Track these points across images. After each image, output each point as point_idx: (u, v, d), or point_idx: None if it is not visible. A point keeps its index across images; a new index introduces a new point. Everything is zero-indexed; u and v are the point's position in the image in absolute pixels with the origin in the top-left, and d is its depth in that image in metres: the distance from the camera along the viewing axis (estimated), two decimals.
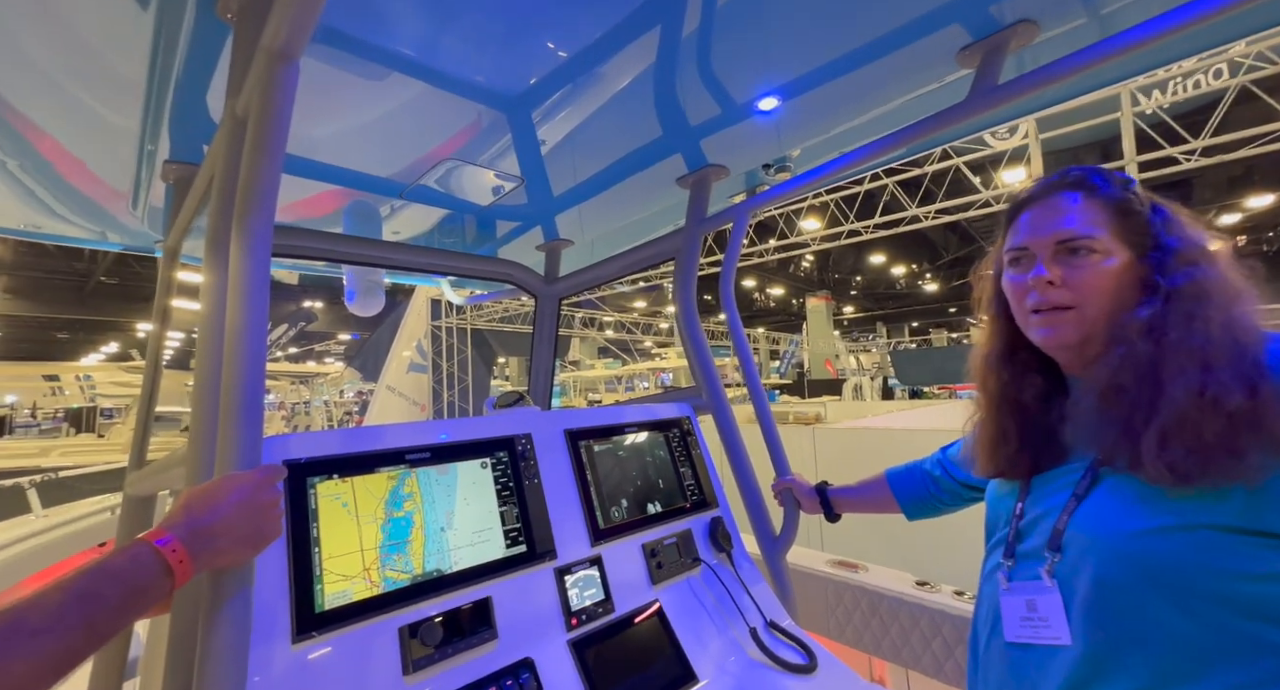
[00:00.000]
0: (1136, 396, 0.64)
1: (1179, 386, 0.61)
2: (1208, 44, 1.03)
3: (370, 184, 1.50)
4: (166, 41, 0.89)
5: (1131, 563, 0.63)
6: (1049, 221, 0.74)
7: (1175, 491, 0.61)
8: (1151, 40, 0.85)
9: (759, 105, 1.23)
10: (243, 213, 0.72)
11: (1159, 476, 0.61)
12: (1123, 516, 0.65)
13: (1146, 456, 0.62)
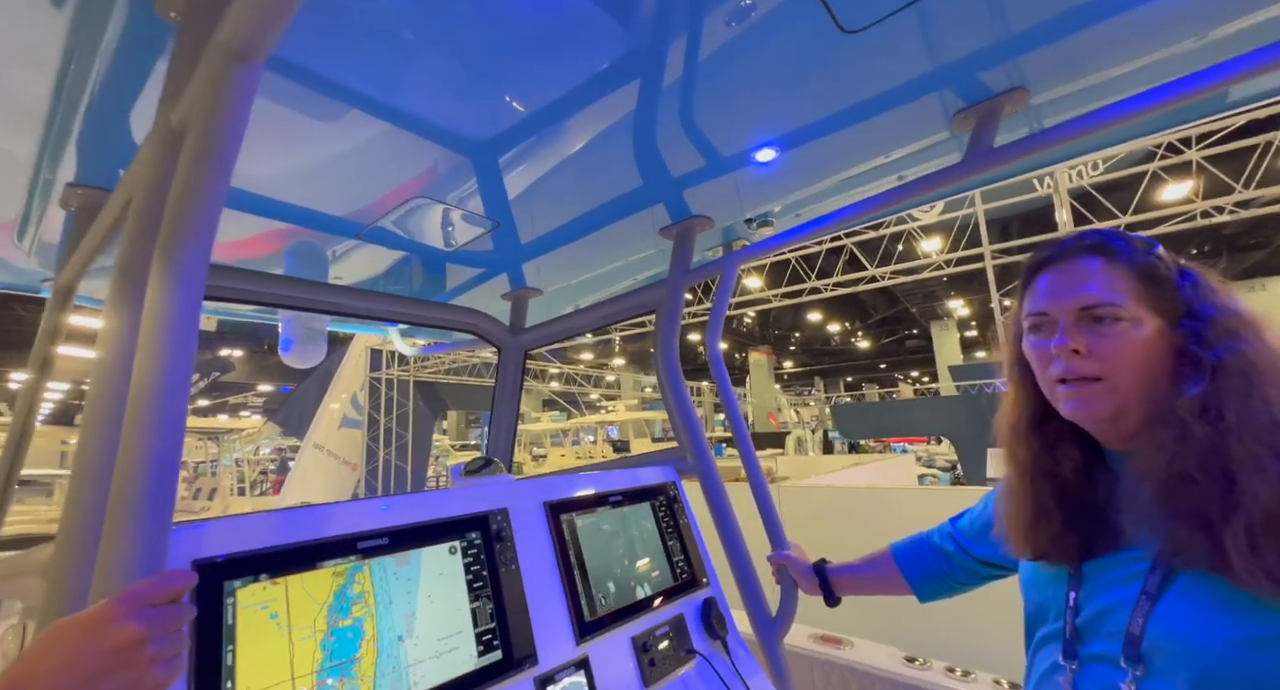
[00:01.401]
0: (1208, 489, 0.58)
1: (1257, 479, 0.55)
2: (1196, 116, 1.10)
3: (321, 223, 1.34)
4: (83, 46, 0.75)
5: (1235, 677, 0.55)
6: (1070, 286, 0.70)
7: (1264, 597, 0.54)
8: (1144, 112, 0.88)
9: (754, 156, 1.20)
10: (171, 243, 0.56)
11: (1255, 583, 0.54)
12: (1214, 624, 0.57)
13: (1237, 560, 0.55)
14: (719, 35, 0.82)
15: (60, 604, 0.50)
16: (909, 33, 0.85)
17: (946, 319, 22.57)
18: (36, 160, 1.00)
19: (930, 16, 0.82)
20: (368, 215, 1.31)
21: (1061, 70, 0.97)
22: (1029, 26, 0.85)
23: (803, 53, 0.88)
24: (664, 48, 0.83)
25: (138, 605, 0.44)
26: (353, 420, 8.25)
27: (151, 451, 0.49)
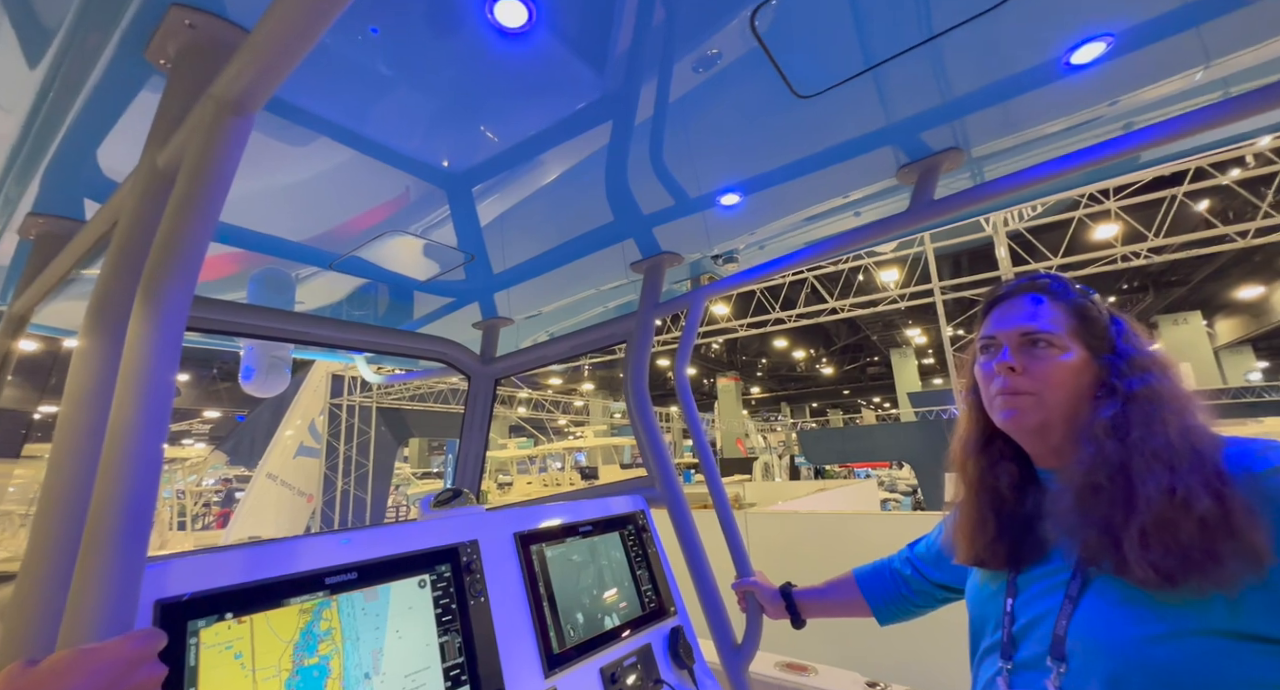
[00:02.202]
0: (1113, 495, 0.67)
1: (1150, 486, 0.64)
2: (1111, 174, 1.24)
3: (292, 252, 1.35)
4: (65, 82, 0.76)
5: (1143, 671, 0.61)
6: (1014, 316, 0.81)
7: (1162, 594, 0.62)
8: (1066, 172, 1.00)
9: (719, 200, 1.28)
10: (155, 282, 0.57)
11: (1145, 577, 0.62)
12: (1123, 622, 0.65)
13: (1131, 556, 0.63)
14: (686, 85, 0.89)
15: (19, 649, 0.49)
16: (856, 98, 0.95)
17: (905, 347, 23.44)
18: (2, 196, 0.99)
19: (874, 85, 0.92)
20: (340, 245, 1.32)
21: (991, 133, 1.08)
22: (960, 95, 0.96)
23: (761, 110, 0.97)
24: (634, 94, 0.89)
25: (152, 651, 0.44)
26: (310, 448, 7.85)
27: (130, 491, 0.49)
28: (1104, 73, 0.90)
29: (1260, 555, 0.57)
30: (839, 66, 0.87)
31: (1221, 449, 0.65)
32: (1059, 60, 0.87)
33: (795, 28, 0.79)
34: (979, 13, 0.77)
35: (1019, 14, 0.77)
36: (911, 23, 0.79)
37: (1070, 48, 0.85)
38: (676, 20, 0.76)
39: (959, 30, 0.80)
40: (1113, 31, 0.82)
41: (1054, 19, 0.80)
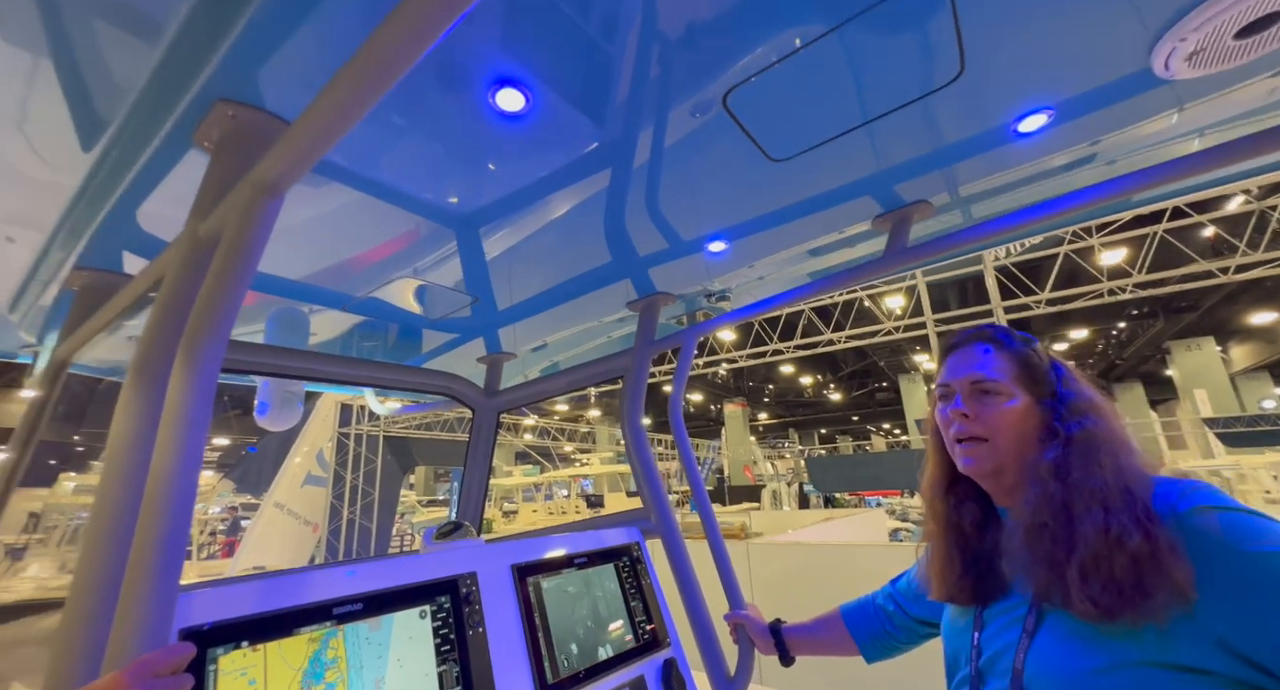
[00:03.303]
0: (1055, 533, 0.72)
1: (1088, 524, 0.69)
2: (1066, 224, 1.32)
3: (310, 295, 1.44)
4: (116, 161, 0.87)
5: None
6: (966, 365, 0.88)
7: (1104, 627, 0.66)
8: (1026, 224, 1.08)
9: (708, 246, 1.36)
10: (194, 339, 0.66)
11: (1086, 611, 0.67)
12: (1072, 655, 0.69)
13: (1072, 591, 0.68)
14: (675, 135, 0.96)
15: (71, 672, 0.55)
16: (827, 160, 1.04)
17: (914, 372, 23.29)
18: (46, 244, 1.09)
19: (843, 149, 1.00)
20: (352, 281, 1.40)
21: (955, 188, 1.17)
22: (924, 155, 1.05)
23: (739, 169, 1.06)
24: (628, 146, 0.96)
25: (147, 676, 0.51)
26: (317, 477, 7.88)
27: (167, 529, 0.56)
28: (1051, 137, 0.99)
29: (1184, 590, 0.62)
30: (807, 136, 0.96)
31: (1152, 489, 0.71)
32: (1008, 128, 0.96)
33: (764, 105, 0.88)
34: (931, 91, 0.86)
35: (967, 91, 0.86)
36: (871, 99, 0.88)
37: (1017, 119, 0.94)
38: (660, 94, 0.85)
39: (915, 105, 0.89)
40: (1053, 105, 0.90)
41: (999, 95, 0.89)
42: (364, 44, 0.52)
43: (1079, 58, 0.81)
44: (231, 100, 0.75)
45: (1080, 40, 0.78)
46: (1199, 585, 0.62)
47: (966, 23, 0.73)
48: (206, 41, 0.68)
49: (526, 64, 0.76)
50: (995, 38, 0.76)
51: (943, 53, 0.79)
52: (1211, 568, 0.62)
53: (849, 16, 0.72)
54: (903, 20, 0.73)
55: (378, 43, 0.51)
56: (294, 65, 0.73)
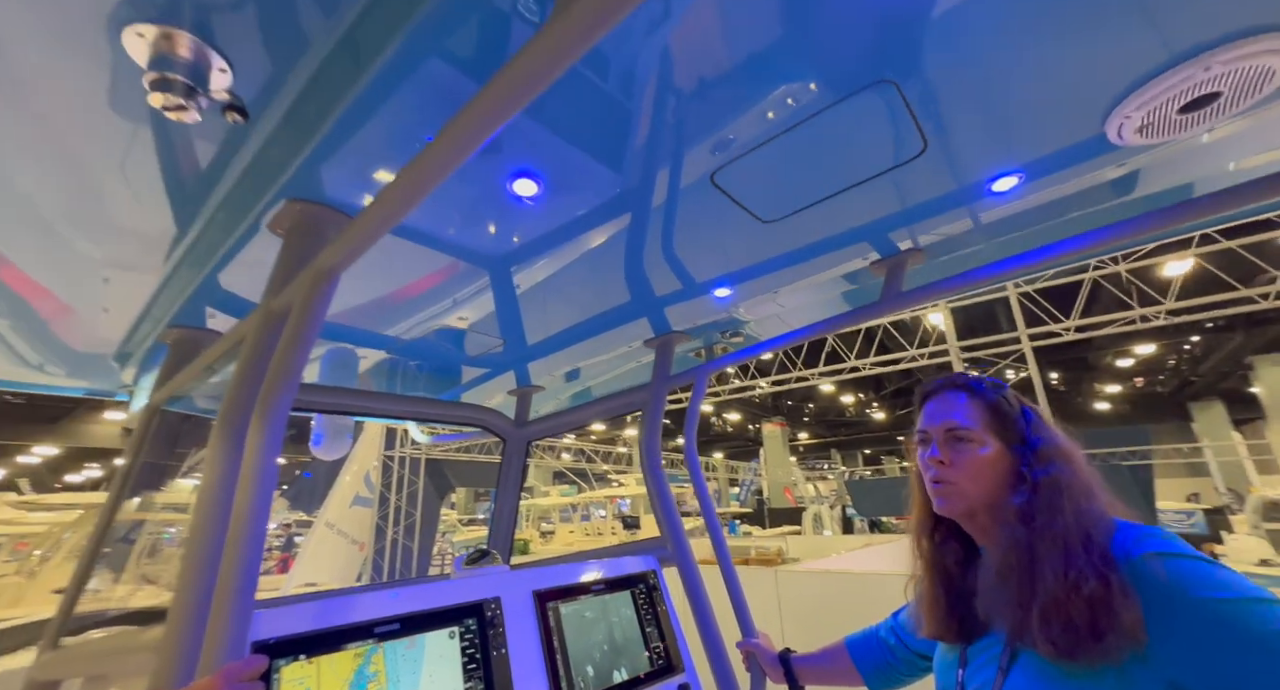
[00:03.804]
0: (1021, 576, 0.77)
1: (1048, 568, 0.74)
2: (1053, 268, 1.35)
3: (362, 339, 1.61)
4: (208, 239, 1.05)
5: None
6: (942, 412, 0.94)
7: (1068, 666, 0.71)
8: (1014, 271, 1.14)
9: (714, 291, 1.46)
10: (268, 398, 0.80)
11: (1048, 652, 0.72)
12: None
13: (1036, 632, 0.73)
14: (677, 202, 1.05)
15: (172, 675, 0.69)
16: (816, 218, 1.13)
17: None
18: (148, 306, 1.30)
19: (829, 209, 1.09)
20: (395, 323, 1.56)
21: (946, 236, 1.24)
22: (910, 208, 1.12)
23: (735, 228, 1.16)
24: (643, 203, 1.05)
25: (235, 680, 0.63)
26: (364, 498, 8.28)
27: (247, 558, 0.70)
28: (1026, 193, 1.05)
29: (1135, 632, 0.66)
30: (792, 201, 1.06)
31: (1112, 533, 0.75)
32: (983, 188, 1.03)
33: (748, 180, 0.99)
34: (903, 162, 0.95)
35: (935, 161, 0.94)
36: (847, 171, 0.98)
37: (989, 180, 1.01)
38: (655, 177, 0.97)
39: (891, 173, 0.98)
40: (1020, 169, 0.97)
41: (967, 164, 0.97)
42: (419, 155, 0.64)
43: (1036, 131, 0.89)
44: (300, 199, 0.92)
45: (1034, 116, 0.86)
46: (1150, 629, 0.66)
47: (919, 109, 0.82)
48: (280, 154, 0.84)
49: (539, 159, 0.90)
50: (950, 118, 0.85)
51: (906, 132, 0.87)
52: (1162, 612, 0.67)
53: (814, 112, 0.82)
54: (865, 110, 0.83)
55: (432, 154, 0.62)
56: (353, 171, 0.88)
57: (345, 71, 0.72)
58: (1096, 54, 0.73)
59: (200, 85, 0.70)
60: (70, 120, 0.77)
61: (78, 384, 1.77)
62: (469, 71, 0.73)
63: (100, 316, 1.33)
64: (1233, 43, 0.69)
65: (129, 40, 0.66)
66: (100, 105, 0.75)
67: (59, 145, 0.82)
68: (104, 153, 0.83)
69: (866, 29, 0.69)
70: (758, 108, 0.82)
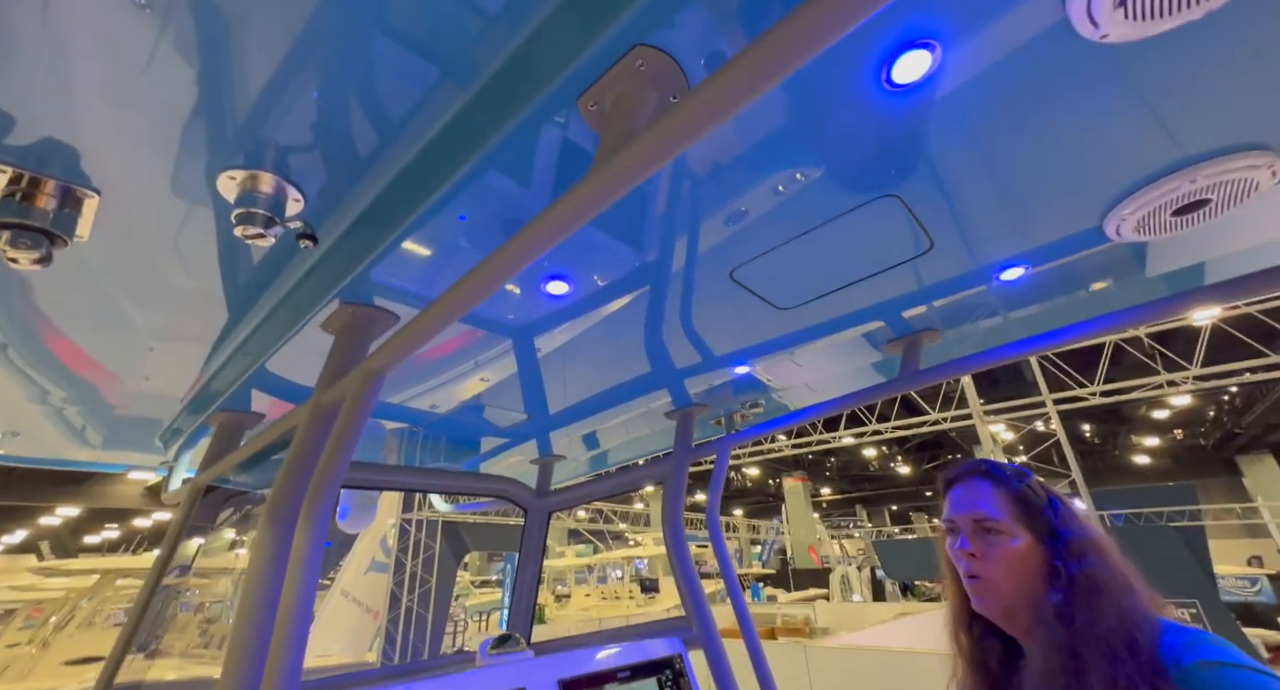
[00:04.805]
0: (1066, 682, 0.75)
1: (1094, 677, 0.72)
2: (1066, 347, 1.37)
3: (394, 414, 1.67)
4: (263, 336, 1.13)
5: None
6: (968, 501, 0.93)
7: None
8: (1024, 353, 1.16)
9: (734, 369, 1.51)
10: (320, 483, 0.85)
11: None
12: None
13: None
14: (694, 290, 1.11)
15: None
16: (831, 305, 1.18)
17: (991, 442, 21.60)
18: (198, 389, 1.37)
19: (843, 298, 1.15)
20: (433, 405, 1.62)
21: (959, 319, 1.28)
22: (920, 292, 1.17)
23: (752, 313, 1.21)
24: (668, 269, 1.05)
25: None
26: (380, 564, 8.10)
27: (294, 642, 0.72)
28: (1033, 282, 1.10)
29: None
30: (807, 291, 1.12)
31: (1158, 635, 0.73)
32: (991, 277, 1.08)
33: (765, 274, 1.05)
34: (913, 257, 1.00)
35: (944, 256, 1.00)
36: (860, 266, 1.04)
37: (997, 271, 1.06)
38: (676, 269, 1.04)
39: (903, 266, 1.03)
40: (1026, 262, 1.02)
41: (974, 257, 1.02)
42: (468, 275, 0.69)
43: (1038, 232, 0.94)
44: (352, 302, 1.00)
45: (1034, 219, 0.91)
46: None
47: (924, 216, 0.88)
48: (338, 264, 0.93)
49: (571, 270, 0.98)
50: (954, 220, 0.91)
51: (914, 234, 0.94)
52: None
53: (824, 221, 0.89)
54: (872, 217, 0.89)
55: (480, 273, 0.68)
56: (404, 278, 0.96)
57: (405, 195, 0.81)
58: (1090, 164, 0.79)
59: (278, 215, 0.79)
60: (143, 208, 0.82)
61: (120, 459, 1.84)
62: (518, 198, 0.81)
63: (158, 402, 1.41)
64: (1215, 159, 0.75)
65: (223, 183, 0.76)
66: (178, 217, 0.83)
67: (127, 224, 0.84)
68: (168, 241, 0.89)
69: (869, 149, 0.77)
70: (769, 216, 0.89)
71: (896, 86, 0.64)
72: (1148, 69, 0.64)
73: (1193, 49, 0.61)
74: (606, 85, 0.62)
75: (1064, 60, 0.63)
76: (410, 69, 0.64)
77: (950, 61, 0.62)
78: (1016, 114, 0.70)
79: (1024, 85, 0.66)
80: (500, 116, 0.67)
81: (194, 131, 0.69)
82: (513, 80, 0.65)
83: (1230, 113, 0.69)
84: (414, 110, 0.69)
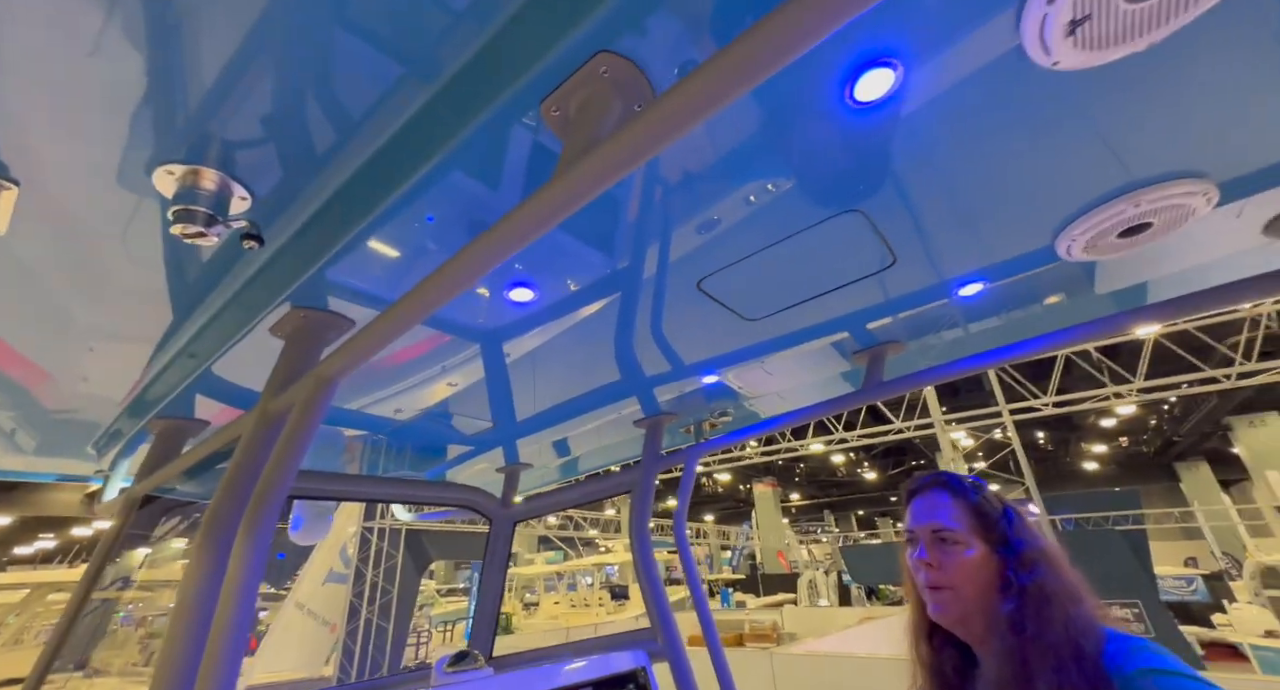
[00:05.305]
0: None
1: (1042, 684, 0.74)
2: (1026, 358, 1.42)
3: (357, 422, 1.61)
4: (209, 339, 1.07)
5: None
6: (927, 512, 0.95)
7: None
8: (985, 365, 1.19)
9: (703, 378, 1.50)
10: (263, 495, 0.80)
11: None
12: None
13: None
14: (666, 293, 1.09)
15: None
16: (798, 316, 1.19)
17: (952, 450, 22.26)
18: (137, 392, 1.29)
19: (810, 309, 1.16)
20: (397, 411, 1.56)
21: (921, 331, 1.30)
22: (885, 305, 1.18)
23: (720, 323, 1.21)
24: (637, 277, 1.04)
25: None
26: (339, 574, 7.75)
27: (228, 657, 0.67)
28: (991, 297, 1.13)
29: None
30: (774, 303, 1.12)
31: (1103, 643, 0.75)
32: (951, 292, 1.10)
33: (732, 285, 1.05)
34: (876, 272, 1.02)
35: (906, 271, 1.02)
36: (826, 279, 1.04)
37: (956, 286, 1.08)
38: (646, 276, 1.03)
39: (869, 279, 1.05)
40: (984, 278, 1.05)
41: (935, 273, 1.04)
42: (425, 280, 0.66)
43: (994, 250, 0.97)
44: (304, 306, 0.95)
45: (991, 238, 0.94)
46: None
47: (887, 231, 0.90)
48: (288, 266, 0.89)
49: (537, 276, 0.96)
50: (916, 237, 0.93)
51: (877, 249, 0.95)
52: None
53: (790, 234, 0.90)
54: (838, 231, 0.90)
55: (437, 279, 0.65)
56: (357, 282, 0.93)
57: (360, 196, 0.78)
58: (1043, 186, 0.82)
59: (221, 213, 0.75)
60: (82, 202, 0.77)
61: (51, 468, 1.72)
62: (482, 202, 0.79)
63: (92, 405, 1.32)
64: (1158, 184, 0.78)
65: (160, 178, 0.71)
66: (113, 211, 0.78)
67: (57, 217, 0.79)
68: (105, 235, 0.83)
69: (834, 164, 0.77)
70: (735, 227, 0.89)
71: (860, 104, 0.65)
72: (1096, 97, 0.66)
73: (1138, 79, 0.64)
74: (569, 91, 0.61)
75: (1019, 85, 0.64)
76: (368, 66, 0.62)
77: (911, 81, 0.63)
78: (975, 135, 0.72)
79: (982, 107, 0.68)
80: (460, 119, 0.65)
81: (126, 121, 0.64)
82: (474, 83, 0.63)
83: (1171, 141, 0.72)
84: (372, 108, 0.66)
